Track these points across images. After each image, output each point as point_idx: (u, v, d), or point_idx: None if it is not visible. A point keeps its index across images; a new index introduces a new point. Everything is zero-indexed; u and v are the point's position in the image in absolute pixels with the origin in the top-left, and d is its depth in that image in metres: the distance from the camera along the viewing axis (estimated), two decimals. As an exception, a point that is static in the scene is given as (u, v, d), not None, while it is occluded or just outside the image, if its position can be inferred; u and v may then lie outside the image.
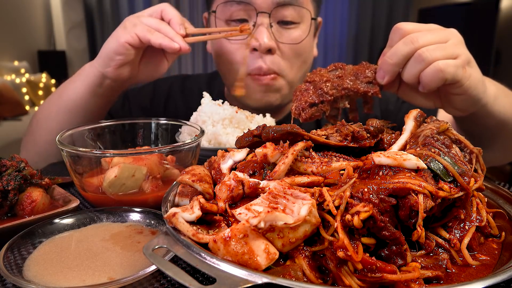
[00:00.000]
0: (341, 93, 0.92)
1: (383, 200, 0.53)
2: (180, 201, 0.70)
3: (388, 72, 0.90)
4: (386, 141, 0.75)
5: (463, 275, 0.56)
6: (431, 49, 0.85)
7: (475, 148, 0.69)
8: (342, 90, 0.92)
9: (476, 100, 0.94)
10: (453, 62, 0.86)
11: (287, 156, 0.62)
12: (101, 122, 1.19)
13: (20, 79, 6.20)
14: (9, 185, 0.78)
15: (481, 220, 0.62)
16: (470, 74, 0.89)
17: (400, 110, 1.50)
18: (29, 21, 6.95)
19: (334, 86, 0.92)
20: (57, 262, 0.65)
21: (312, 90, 0.93)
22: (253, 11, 1.28)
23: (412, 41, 0.87)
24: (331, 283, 0.53)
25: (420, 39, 0.86)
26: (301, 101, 0.92)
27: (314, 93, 0.92)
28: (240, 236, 0.51)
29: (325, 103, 0.92)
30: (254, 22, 1.29)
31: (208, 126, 1.19)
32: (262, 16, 1.28)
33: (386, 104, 1.52)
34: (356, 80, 0.93)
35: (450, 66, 0.85)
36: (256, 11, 1.27)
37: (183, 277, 0.48)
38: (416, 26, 0.90)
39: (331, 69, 0.97)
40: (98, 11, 7.08)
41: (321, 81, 0.93)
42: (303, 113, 0.92)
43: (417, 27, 0.90)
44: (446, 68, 0.84)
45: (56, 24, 7.54)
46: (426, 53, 0.85)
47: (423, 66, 0.86)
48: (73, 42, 7.31)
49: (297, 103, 0.93)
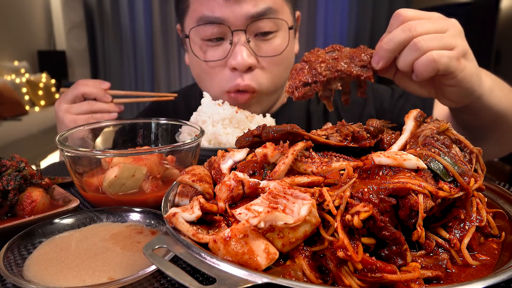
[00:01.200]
0: (334, 74, 0.92)
1: (383, 200, 0.53)
2: (180, 201, 0.70)
3: (383, 58, 0.90)
4: (386, 141, 0.75)
5: (463, 275, 0.56)
6: (427, 39, 0.85)
7: (475, 148, 0.69)
8: (335, 72, 0.91)
9: (470, 93, 0.94)
10: (448, 53, 0.85)
11: (287, 156, 0.62)
12: (101, 122, 1.19)
13: (20, 79, 6.20)
14: (9, 185, 0.78)
15: (481, 220, 0.62)
16: (464, 66, 0.89)
17: (395, 107, 1.49)
18: (29, 21, 6.95)
19: (328, 67, 0.92)
20: (57, 262, 0.65)
21: (307, 70, 0.93)
22: (227, 30, 1.25)
23: (409, 28, 0.86)
24: (331, 283, 0.53)
25: (418, 27, 0.86)
26: (295, 80, 0.93)
27: (309, 73, 0.92)
28: (240, 236, 0.51)
29: (318, 83, 0.92)
30: (230, 40, 1.27)
31: (208, 126, 1.19)
32: (237, 34, 1.25)
33: (381, 101, 1.51)
34: (351, 63, 0.93)
35: (443, 57, 0.84)
36: (230, 30, 1.25)
37: (183, 277, 0.48)
38: (416, 13, 0.90)
39: (329, 50, 0.97)
40: (98, 11, 7.08)
41: (316, 62, 0.93)
42: (296, 91, 0.92)
43: (417, 15, 0.89)
44: (440, 58, 0.84)
45: (56, 24, 7.54)
46: (421, 42, 0.85)
47: (417, 54, 0.85)
48: (73, 42, 7.32)
49: (291, 81, 0.94)
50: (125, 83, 7.27)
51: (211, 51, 1.31)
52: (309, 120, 1.53)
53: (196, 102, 1.63)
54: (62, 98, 1.28)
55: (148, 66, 7.13)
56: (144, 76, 7.19)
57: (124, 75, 7.27)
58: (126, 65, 7.22)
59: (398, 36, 0.87)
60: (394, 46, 0.88)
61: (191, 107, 1.63)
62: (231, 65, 1.27)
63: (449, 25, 0.89)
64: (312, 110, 1.53)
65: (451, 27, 0.89)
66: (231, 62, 1.27)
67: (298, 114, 1.52)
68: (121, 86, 7.26)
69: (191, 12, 1.32)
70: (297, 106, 1.53)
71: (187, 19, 1.35)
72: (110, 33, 7.10)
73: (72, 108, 1.25)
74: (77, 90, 1.26)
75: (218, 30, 1.27)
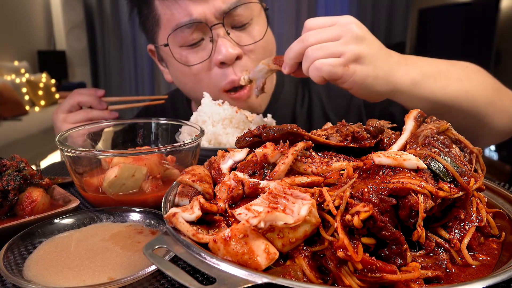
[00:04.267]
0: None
1: (383, 200, 0.53)
2: (180, 201, 0.70)
3: (287, 64, 1.02)
4: (386, 141, 0.75)
5: (463, 275, 0.56)
6: (314, 49, 0.94)
7: (475, 148, 0.69)
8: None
9: (370, 92, 0.99)
10: (330, 61, 0.93)
11: (287, 156, 0.62)
12: (101, 122, 1.19)
13: (20, 79, 6.20)
14: (9, 185, 0.78)
15: (481, 220, 0.62)
16: (354, 71, 0.94)
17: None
18: (29, 21, 6.95)
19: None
20: (57, 262, 0.65)
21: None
22: (205, 27, 1.24)
23: (303, 39, 0.97)
24: (331, 283, 0.53)
25: (310, 38, 0.95)
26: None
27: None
28: (240, 236, 0.51)
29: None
30: (210, 37, 1.25)
31: (208, 126, 1.18)
32: (216, 28, 1.24)
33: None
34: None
35: (325, 65, 0.93)
36: (208, 26, 1.24)
37: (183, 277, 0.48)
38: (318, 22, 0.98)
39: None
40: (98, 11, 7.08)
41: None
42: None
43: (317, 24, 0.98)
44: (322, 67, 0.93)
45: (56, 24, 7.55)
46: (309, 52, 0.95)
47: (308, 63, 0.96)
48: (73, 42, 7.33)
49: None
50: (125, 83, 7.27)
51: (193, 56, 1.29)
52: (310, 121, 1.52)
53: (182, 105, 1.63)
54: (59, 109, 1.32)
55: (148, 66, 7.14)
56: (144, 76, 7.20)
57: (124, 75, 7.27)
58: (126, 65, 7.22)
59: (295, 47, 0.99)
60: (293, 55, 1.00)
61: (178, 110, 1.63)
62: (218, 60, 1.25)
63: (344, 31, 0.95)
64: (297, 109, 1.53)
65: (346, 33, 0.95)
66: (217, 57, 1.25)
67: (284, 111, 1.52)
68: (121, 86, 7.27)
69: (164, 24, 1.30)
70: (283, 103, 1.52)
71: (161, 32, 1.33)
72: (110, 33, 7.10)
73: (68, 117, 1.29)
74: (73, 100, 1.30)
75: (196, 32, 1.25)
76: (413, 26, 6.42)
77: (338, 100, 1.51)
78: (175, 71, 1.38)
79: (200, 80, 1.33)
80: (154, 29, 1.36)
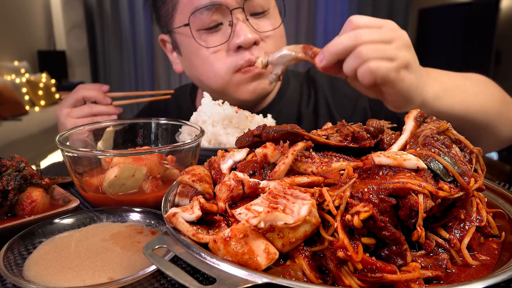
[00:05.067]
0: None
1: (383, 200, 0.53)
2: (180, 201, 0.70)
3: (326, 58, 0.94)
4: (386, 141, 0.75)
5: (463, 275, 0.56)
6: (369, 48, 0.89)
7: (475, 148, 0.69)
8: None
9: (408, 102, 0.98)
10: (386, 65, 0.89)
11: (287, 156, 0.62)
12: (101, 122, 1.19)
13: (20, 79, 6.20)
14: (9, 185, 0.78)
15: (481, 220, 0.62)
16: (403, 78, 0.92)
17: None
18: (29, 21, 6.95)
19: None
20: (57, 262, 0.65)
21: None
22: (226, 10, 1.26)
23: (356, 36, 0.90)
24: (331, 283, 0.53)
25: (364, 36, 0.89)
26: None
27: None
28: (240, 236, 0.51)
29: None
30: (230, 21, 1.27)
31: (208, 126, 1.18)
32: (236, 12, 1.26)
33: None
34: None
35: (381, 68, 0.89)
36: (229, 9, 1.25)
37: (183, 277, 0.48)
38: (368, 21, 0.93)
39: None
40: (98, 11, 7.08)
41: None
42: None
43: (367, 23, 0.93)
44: (377, 69, 0.89)
45: (56, 24, 7.55)
46: (363, 51, 0.89)
47: (359, 62, 0.90)
48: (73, 42, 7.32)
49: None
50: (125, 83, 7.26)
51: (211, 38, 1.30)
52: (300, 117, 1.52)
53: (186, 102, 1.63)
54: (63, 103, 1.31)
55: (148, 66, 7.13)
56: (144, 76, 7.19)
57: (124, 75, 7.27)
58: (126, 65, 7.21)
59: (344, 41, 0.91)
60: (339, 50, 0.92)
61: (181, 107, 1.63)
62: (236, 44, 1.26)
63: (397, 36, 0.93)
64: (303, 109, 1.53)
65: (398, 39, 0.92)
66: (236, 41, 1.26)
67: (288, 111, 1.52)
68: (121, 86, 7.26)
69: (182, 7, 1.31)
70: (288, 103, 1.52)
71: (177, 16, 1.34)
72: (110, 33, 7.09)
73: (73, 112, 1.28)
74: (77, 94, 1.29)
75: (216, 15, 1.26)
76: (413, 26, 6.42)
77: (343, 100, 1.50)
78: (189, 54, 1.38)
79: (213, 62, 1.32)
80: (170, 13, 1.36)
